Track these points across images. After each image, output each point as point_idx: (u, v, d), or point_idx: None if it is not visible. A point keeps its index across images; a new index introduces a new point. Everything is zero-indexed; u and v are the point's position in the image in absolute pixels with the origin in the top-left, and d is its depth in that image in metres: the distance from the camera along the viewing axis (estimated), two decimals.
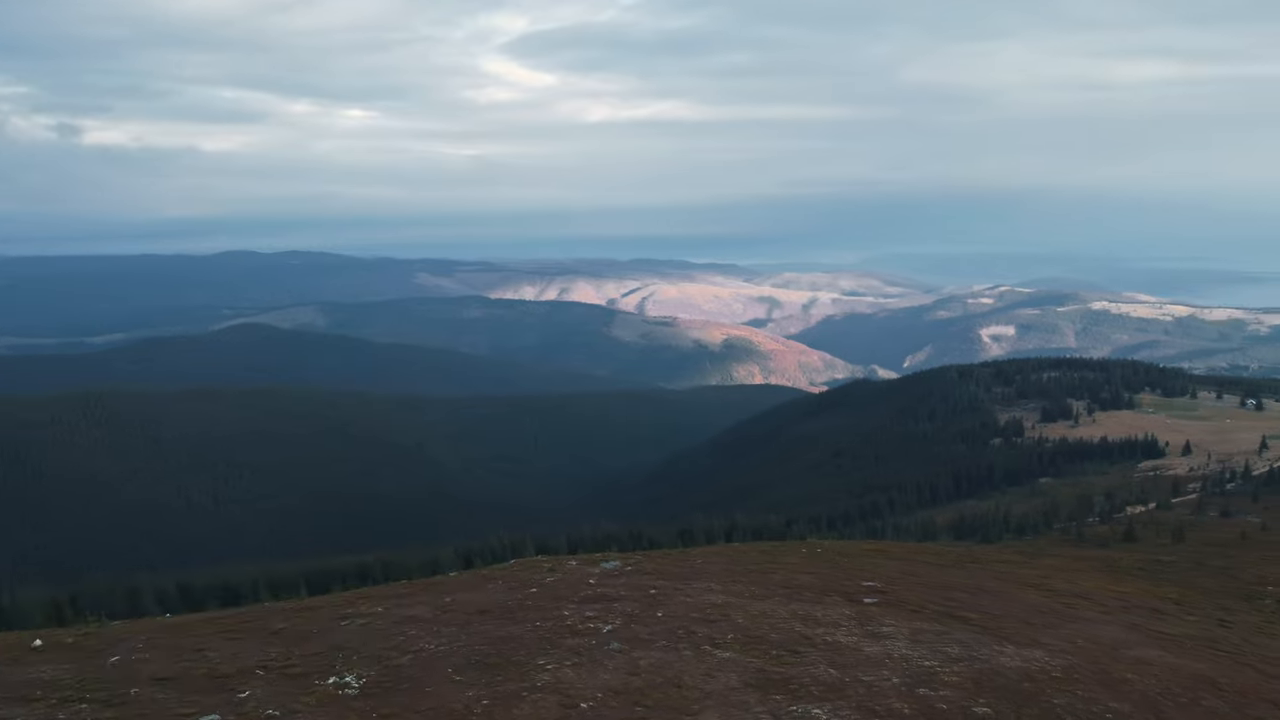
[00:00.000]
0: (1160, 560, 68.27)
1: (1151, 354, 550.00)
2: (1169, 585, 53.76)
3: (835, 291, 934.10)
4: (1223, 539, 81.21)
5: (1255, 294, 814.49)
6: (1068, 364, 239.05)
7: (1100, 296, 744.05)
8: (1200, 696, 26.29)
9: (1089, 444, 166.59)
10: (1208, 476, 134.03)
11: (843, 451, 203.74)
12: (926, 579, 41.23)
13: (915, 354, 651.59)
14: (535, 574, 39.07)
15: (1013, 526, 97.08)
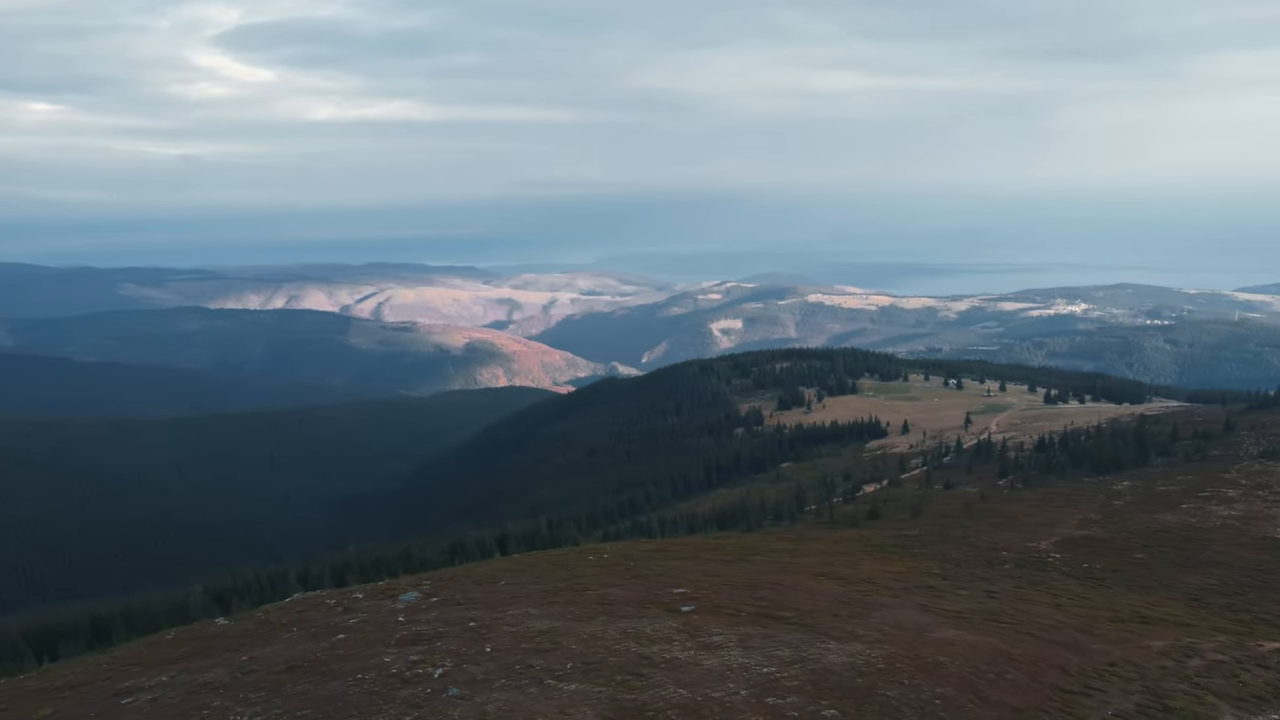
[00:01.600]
0: (908, 535, 73.96)
1: (861, 341, 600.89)
2: (926, 560, 58.16)
3: (574, 291, 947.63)
4: (952, 510, 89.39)
5: (945, 284, 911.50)
6: (797, 354, 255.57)
7: (815, 290, 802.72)
8: (1004, 671, 28.26)
9: (822, 429, 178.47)
10: (926, 452, 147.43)
11: (596, 450, 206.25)
12: (728, 578, 41.99)
13: (652, 350, 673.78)
14: (328, 615, 36.12)
15: (770, 513, 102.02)
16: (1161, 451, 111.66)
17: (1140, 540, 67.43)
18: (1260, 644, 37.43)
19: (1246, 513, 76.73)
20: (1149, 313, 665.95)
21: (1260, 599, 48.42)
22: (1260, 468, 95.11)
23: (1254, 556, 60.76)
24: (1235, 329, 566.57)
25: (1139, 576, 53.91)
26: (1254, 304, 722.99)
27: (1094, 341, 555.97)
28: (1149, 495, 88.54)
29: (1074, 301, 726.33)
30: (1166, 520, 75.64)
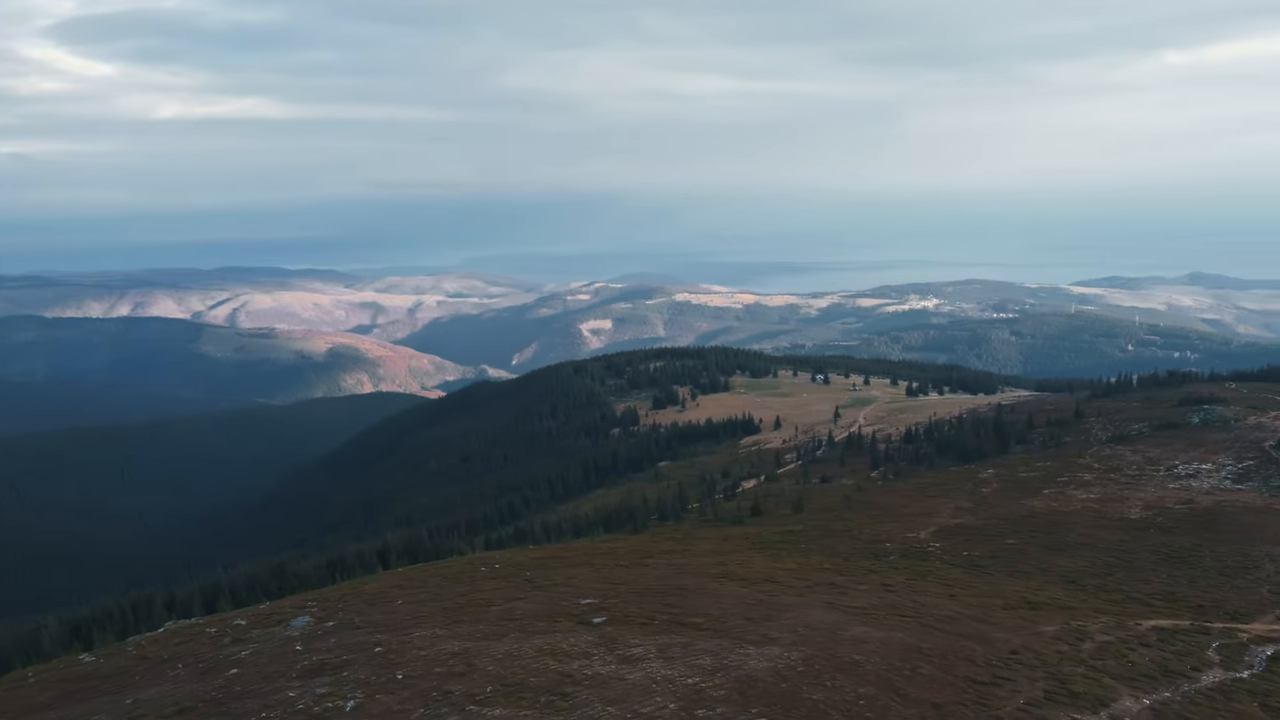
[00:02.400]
0: (793, 531, 75.18)
1: (728, 338, 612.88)
2: (816, 555, 59.14)
3: (440, 294, 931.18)
4: (832, 504, 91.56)
5: (806, 282, 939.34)
6: (670, 353, 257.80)
7: (682, 289, 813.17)
8: (918, 666, 28.65)
9: (698, 426, 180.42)
10: (800, 446, 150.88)
11: (471, 455, 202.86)
12: (631, 585, 41.47)
13: (522, 351, 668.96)
14: (214, 647, 33.85)
15: (654, 512, 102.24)
16: (1020, 440, 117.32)
17: (1011, 526, 70.44)
18: (1138, 623, 39.43)
19: (1102, 495, 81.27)
20: (995, 306, 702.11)
21: (1128, 578, 51.18)
22: (1110, 452, 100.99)
23: (1114, 537, 64.33)
24: (1072, 321, 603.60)
25: (1016, 562, 56.22)
26: (1088, 297, 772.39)
27: (946, 335, 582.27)
28: (1013, 482, 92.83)
29: (926, 297, 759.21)
30: (1032, 506, 79.35)
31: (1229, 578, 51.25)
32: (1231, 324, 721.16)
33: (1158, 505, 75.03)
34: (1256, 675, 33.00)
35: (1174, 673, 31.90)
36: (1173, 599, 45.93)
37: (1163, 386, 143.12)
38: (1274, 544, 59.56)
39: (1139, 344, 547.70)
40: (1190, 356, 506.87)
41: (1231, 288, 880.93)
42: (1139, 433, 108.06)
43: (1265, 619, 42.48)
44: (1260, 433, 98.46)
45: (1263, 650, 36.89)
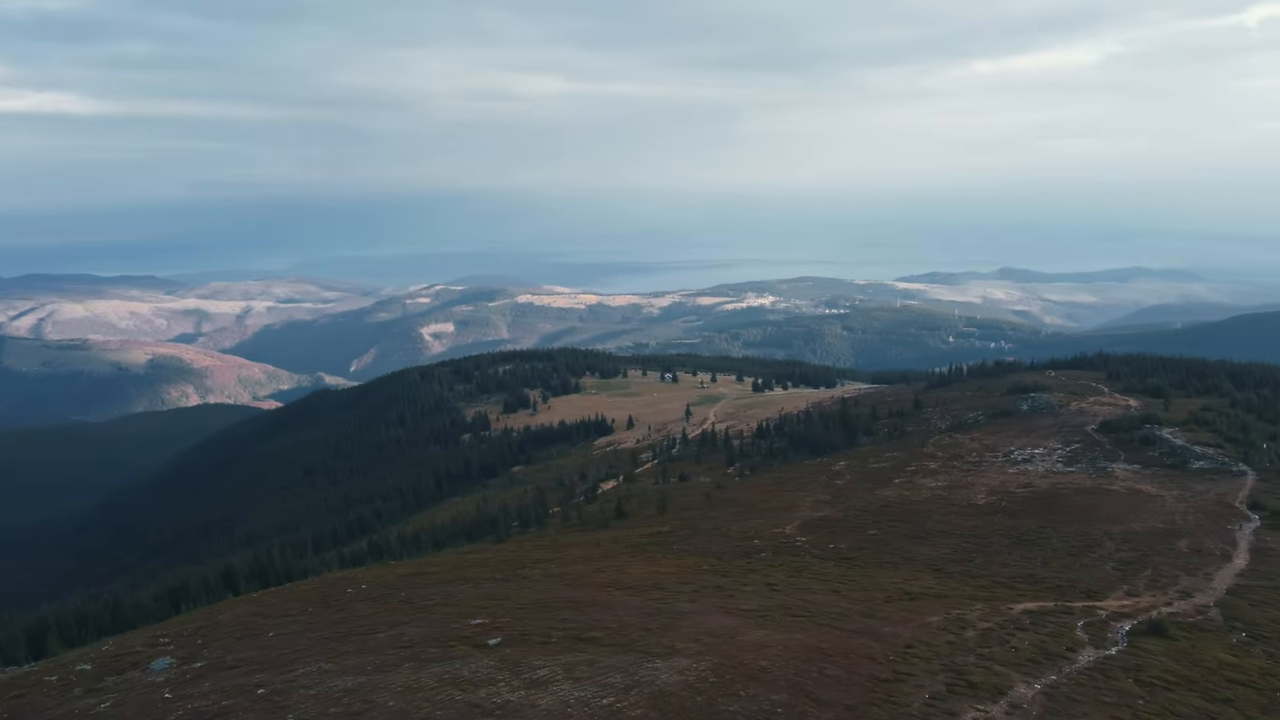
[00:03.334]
0: (661, 532, 75.23)
1: (572, 339, 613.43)
2: (690, 556, 59.19)
3: (271, 300, 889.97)
4: (694, 502, 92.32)
5: (648, 281, 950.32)
6: (519, 356, 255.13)
7: (525, 290, 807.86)
8: (823, 668, 28.70)
9: (550, 429, 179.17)
10: (655, 445, 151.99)
11: (315, 468, 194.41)
12: (517, 600, 40.17)
13: (361, 358, 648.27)
14: (61, 700, 30.67)
15: (515, 519, 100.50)
16: (866, 431, 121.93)
17: (870, 517, 72.76)
18: (1010, 607, 41.12)
19: (949, 483, 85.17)
20: (827, 303, 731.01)
21: (987, 563, 53.55)
22: (951, 441, 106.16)
23: (968, 523, 67.36)
24: (898, 315, 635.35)
25: (882, 553, 57.95)
26: (912, 292, 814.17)
27: (783, 331, 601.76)
28: (865, 474, 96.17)
29: (763, 295, 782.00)
30: (886, 496, 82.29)
31: (1076, 557, 54.38)
32: (1039, 315, 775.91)
33: (1001, 490, 79.19)
34: (1123, 651, 34.89)
35: (1054, 655, 33.31)
36: (1033, 581, 48.28)
37: (991, 376, 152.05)
38: (1109, 523, 63.75)
39: (959, 335, 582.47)
40: (1004, 346, 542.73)
41: (1037, 281, 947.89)
42: (975, 421, 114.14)
43: (1116, 596, 45.17)
44: (1083, 417, 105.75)
45: (1122, 626, 39.13)
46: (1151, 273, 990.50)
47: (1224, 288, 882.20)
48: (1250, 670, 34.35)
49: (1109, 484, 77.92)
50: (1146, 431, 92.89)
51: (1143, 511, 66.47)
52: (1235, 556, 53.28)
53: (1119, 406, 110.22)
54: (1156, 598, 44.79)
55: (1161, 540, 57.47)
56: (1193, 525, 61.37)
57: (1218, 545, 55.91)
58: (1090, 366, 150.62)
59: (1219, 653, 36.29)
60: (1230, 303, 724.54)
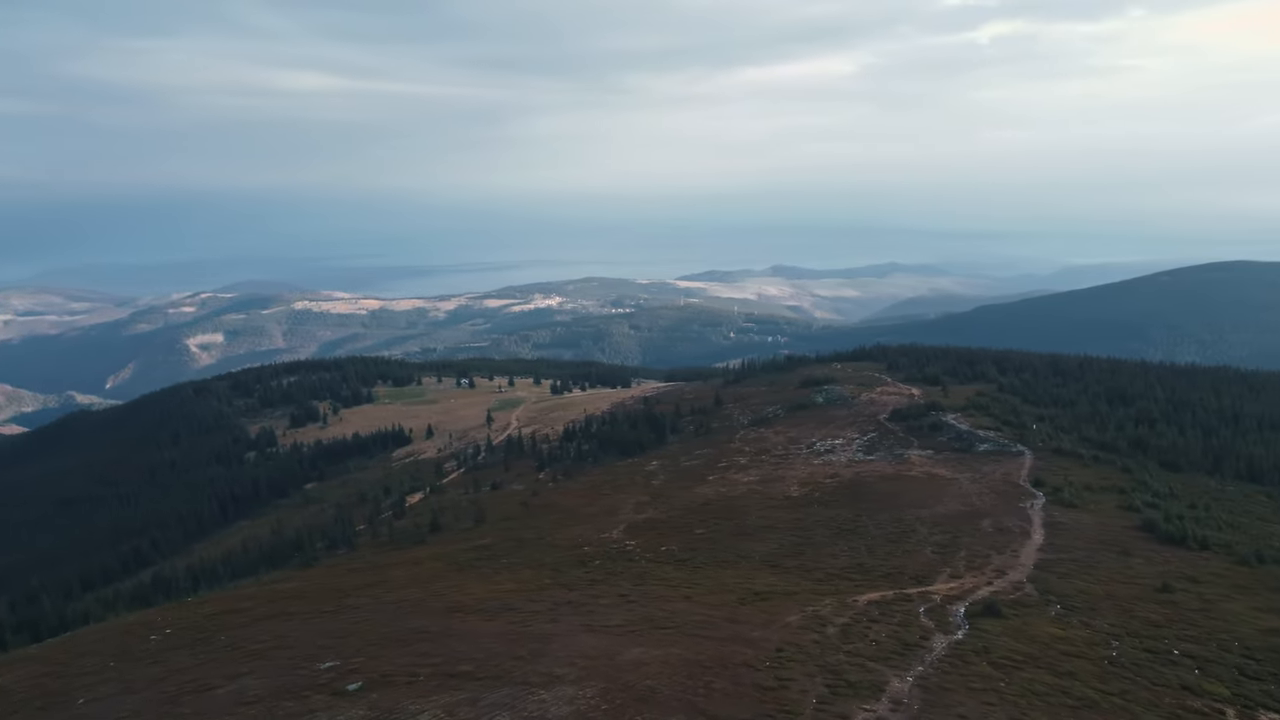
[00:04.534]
0: (483, 545, 73.01)
1: (355, 346, 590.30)
2: (524, 569, 57.60)
3: (7, 313, 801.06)
4: (512, 512, 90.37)
5: (433, 284, 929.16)
6: (305, 366, 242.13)
7: (301, 297, 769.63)
8: (708, 681, 28.26)
9: (344, 442, 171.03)
10: (458, 453, 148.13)
11: (74, 498, 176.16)
12: (363, 635, 37.46)
13: (118, 373, 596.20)
14: None
15: (320, 540, 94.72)
16: (673, 430, 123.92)
17: (694, 516, 73.67)
18: (855, 599, 42.41)
19: (762, 477, 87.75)
20: (613, 303, 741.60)
21: (817, 555, 55.27)
22: (756, 435, 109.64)
23: (788, 516, 69.48)
24: (682, 313, 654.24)
25: (715, 552, 58.63)
26: (693, 290, 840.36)
27: (571, 331, 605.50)
28: (679, 472, 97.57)
29: (550, 296, 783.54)
30: (704, 493, 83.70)
31: (896, 544, 57.12)
32: (810, 309, 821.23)
33: (811, 481, 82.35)
34: (968, 635, 36.66)
35: (911, 645, 34.50)
36: (864, 571, 50.17)
37: (783, 371, 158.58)
38: (917, 507, 67.52)
39: (739, 330, 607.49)
40: (781, 339, 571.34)
41: (807, 278, 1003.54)
42: (776, 415, 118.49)
43: (943, 579, 47.66)
44: (874, 407, 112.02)
45: (957, 609, 41.23)
46: (906, 268, 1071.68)
47: (967, 280, 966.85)
48: (1077, 641, 36.98)
49: (908, 470, 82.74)
50: (934, 418, 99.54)
51: (943, 495, 70.91)
52: (1033, 533, 57.66)
53: (904, 395, 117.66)
54: (978, 578, 47.62)
55: (967, 522, 61.40)
56: (990, 506, 66.01)
57: (1016, 523, 60.36)
58: (871, 358, 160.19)
59: (1046, 627, 38.89)
60: (973, 294, 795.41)
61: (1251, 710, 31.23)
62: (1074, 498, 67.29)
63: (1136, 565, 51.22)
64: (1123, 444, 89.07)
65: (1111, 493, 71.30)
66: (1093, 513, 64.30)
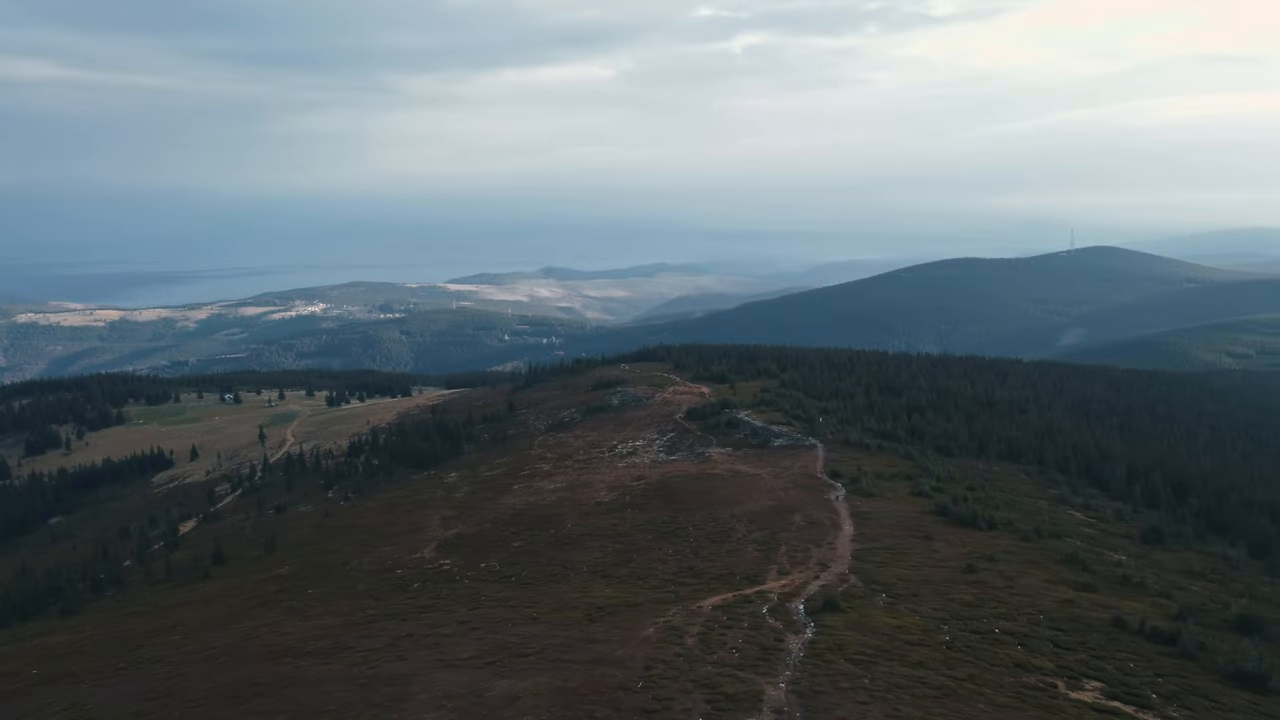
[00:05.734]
0: (283, 575, 68.04)
1: (92, 361, 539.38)
2: (339, 600, 54.02)
3: None
4: (306, 536, 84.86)
5: (181, 292, 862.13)
6: (40, 387, 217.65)
7: (25, 309, 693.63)
8: (591, 711, 27.32)
9: (94, 469, 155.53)
10: (231, 476, 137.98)
11: None
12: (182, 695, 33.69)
13: None
14: None
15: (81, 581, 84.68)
16: (469, 439, 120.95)
17: (507, 528, 71.86)
18: (699, 605, 42.51)
19: (569, 483, 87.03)
20: (382, 307, 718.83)
21: (646, 561, 55.16)
22: (555, 440, 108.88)
23: (605, 523, 69.13)
24: (455, 317, 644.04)
25: (541, 565, 57.27)
26: (464, 293, 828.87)
27: (338, 339, 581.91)
28: (481, 483, 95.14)
29: (313, 302, 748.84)
30: (513, 504, 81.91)
31: (719, 544, 58.04)
32: (581, 311, 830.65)
33: (620, 485, 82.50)
34: (817, 633, 37.53)
35: (771, 649, 34.85)
36: (697, 574, 50.53)
37: (572, 374, 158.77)
38: (729, 505, 69.01)
39: (514, 333, 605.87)
40: (555, 341, 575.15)
41: (578, 279, 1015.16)
42: (572, 419, 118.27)
43: (773, 577, 48.76)
44: (669, 407, 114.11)
45: (796, 606, 42.24)
46: (672, 268, 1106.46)
47: (728, 279, 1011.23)
48: (913, 629, 38.76)
49: (711, 468, 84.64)
50: (728, 416, 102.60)
51: (752, 491, 72.98)
52: (843, 524, 60.29)
53: (695, 394, 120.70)
54: (805, 573, 49.10)
55: (779, 517, 63.37)
56: (797, 500, 68.54)
57: (825, 515, 62.93)
58: (656, 358, 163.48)
59: (882, 617, 40.55)
60: (736, 292, 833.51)
61: (1077, 680, 33.79)
62: (871, 487, 71.11)
63: (940, 549, 54.61)
64: (901, 432, 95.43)
65: (900, 479, 75.95)
66: (890, 500, 68.18)
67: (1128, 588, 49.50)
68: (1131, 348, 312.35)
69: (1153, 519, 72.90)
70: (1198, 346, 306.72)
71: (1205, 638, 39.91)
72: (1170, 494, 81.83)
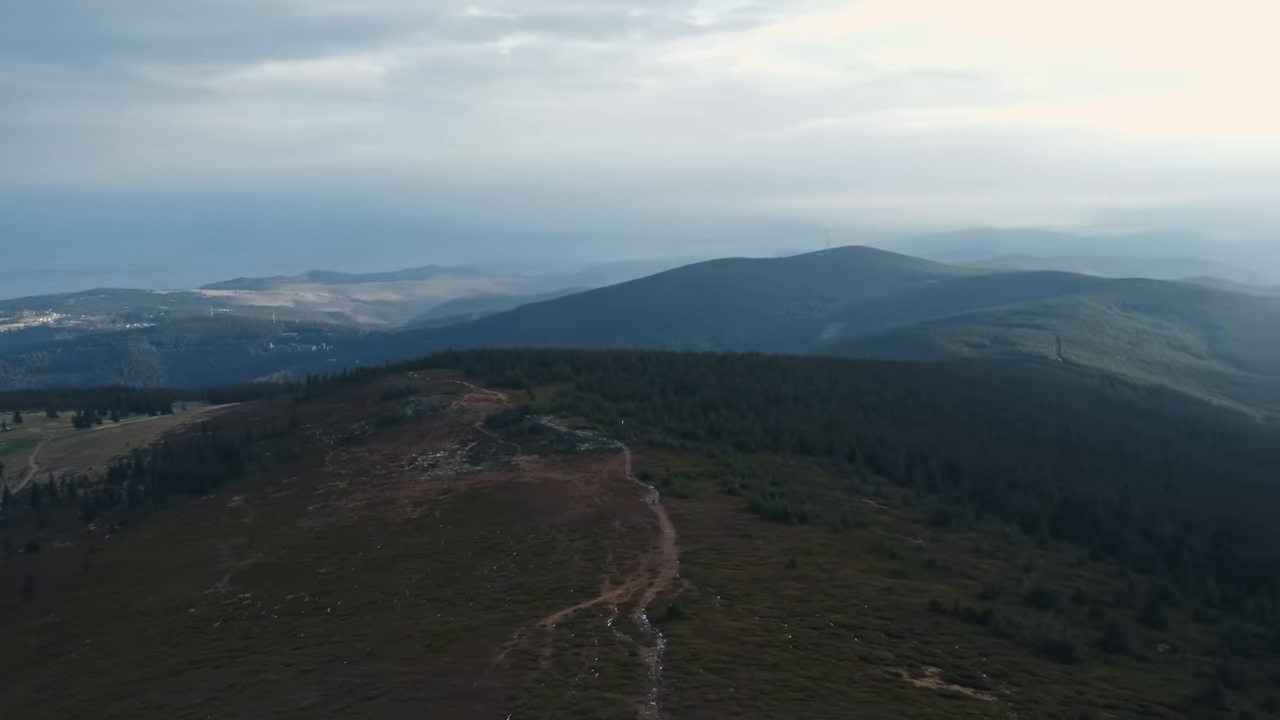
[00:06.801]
0: (53, 625, 60.73)
1: None
2: (131, 649, 48.86)
3: None
4: (73, 577, 76.01)
5: None
6: None
7: None
8: None
9: None
10: None
11: None
12: None
13: None
14: None
15: None
16: (251, 458, 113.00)
17: (311, 554, 67.63)
18: (541, 624, 41.44)
19: (370, 501, 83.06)
20: (128, 317, 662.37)
21: (472, 581, 53.24)
22: (348, 456, 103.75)
23: (419, 541, 66.44)
24: (212, 325, 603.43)
25: (357, 593, 54.10)
26: (222, 299, 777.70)
27: (78, 352, 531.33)
28: (271, 506, 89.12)
29: (45, 312, 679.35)
30: (311, 526, 77.28)
31: (543, 556, 57.00)
32: (352, 315, 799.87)
33: (426, 500, 79.62)
34: (669, 643, 37.39)
35: (629, 665, 34.36)
36: (528, 590, 49.27)
37: (357, 384, 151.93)
38: (545, 515, 68.06)
39: (279, 341, 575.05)
40: (326, 348, 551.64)
41: (346, 282, 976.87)
42: (365, 432, 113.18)
43: (606, 587, 48.34)
44: (468, 415, 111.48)
45: (639, 616, 42.08)
46: (445, 270, 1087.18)
47: (505, 280, 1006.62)
48: (758, 631, 39.51)
49: (520, 477, 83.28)
50: (531, 422, 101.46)
51: (566, 499, 72.37)
52: (663, 528, 60.84)
53: (493, 401, 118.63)
54: (639, 581, 49.06)
55: (599, 524, 63.13)
56: (614, 505, 68.57)
57: (645, 520, 63.30)
58: (445, 364, 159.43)
59: (724, 621, 41.08)
60: (512, 293, 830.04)
61: (916, 667, 35.59)
62: (683, 488, 72.28)
63: (760, 546, 56.21)
64: (701, 431, 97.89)
65: (708, 478, 77.74)
66: (703, 500, 69.58)
67: (933, 571, 52.95)
68: (885, 340, 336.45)
69: (935, 502, 78.74)
70: (941, 338, 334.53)
71: (1011, 614, 43.33)
72: (946, 478, 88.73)
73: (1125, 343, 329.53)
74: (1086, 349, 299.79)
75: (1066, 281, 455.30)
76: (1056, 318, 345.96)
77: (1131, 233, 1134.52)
